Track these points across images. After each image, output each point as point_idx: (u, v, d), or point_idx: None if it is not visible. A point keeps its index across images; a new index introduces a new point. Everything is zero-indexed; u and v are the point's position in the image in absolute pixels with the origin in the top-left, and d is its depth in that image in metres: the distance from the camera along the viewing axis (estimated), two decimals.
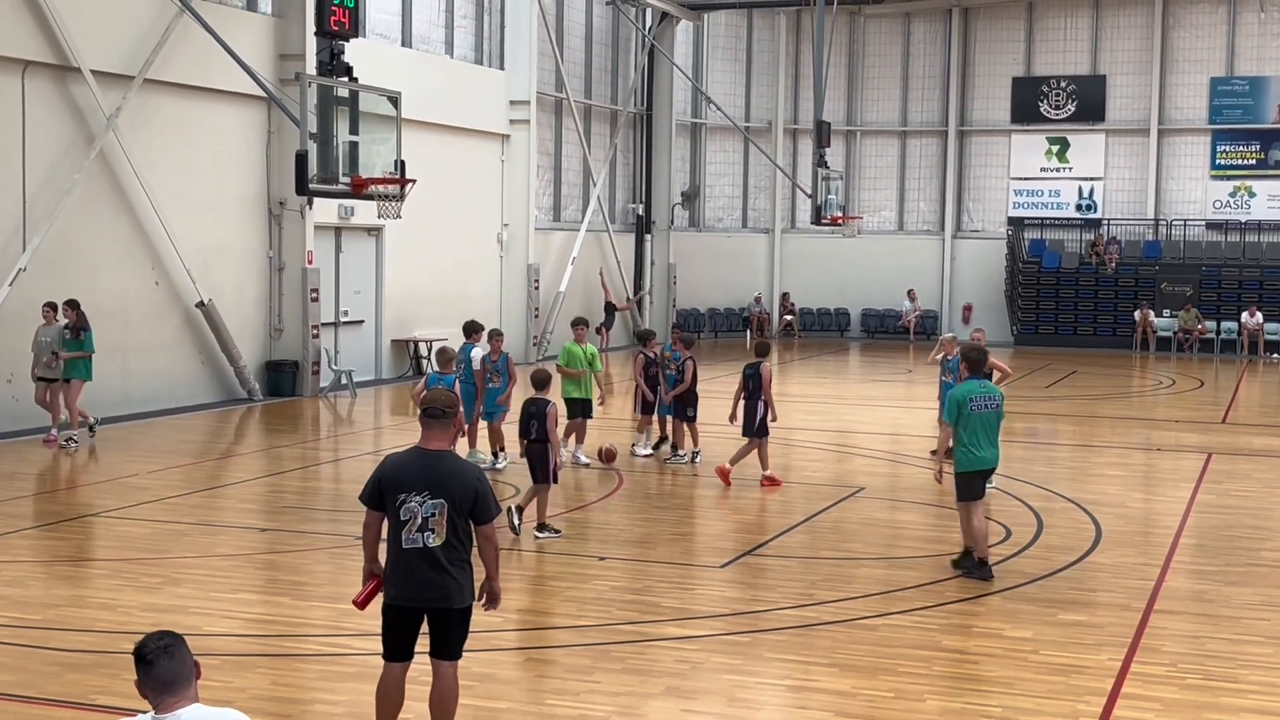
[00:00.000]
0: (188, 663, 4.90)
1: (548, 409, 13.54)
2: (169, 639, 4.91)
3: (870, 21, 42.65)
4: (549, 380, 14.35)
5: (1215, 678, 9.48)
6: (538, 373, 14.38)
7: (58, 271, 21.00)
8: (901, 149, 42.91)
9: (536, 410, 13.56)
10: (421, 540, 7.41)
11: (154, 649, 4.87)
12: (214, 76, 23.09)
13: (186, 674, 4.88)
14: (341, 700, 8.87)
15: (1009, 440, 20.79)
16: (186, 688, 4.86)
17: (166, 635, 4.94)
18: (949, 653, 9.96)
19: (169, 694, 4.84)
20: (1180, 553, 13.47)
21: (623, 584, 11.95)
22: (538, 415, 13.50)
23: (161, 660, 4.85)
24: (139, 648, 4.89)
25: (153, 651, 4.86)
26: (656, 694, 8.99)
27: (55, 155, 21.04)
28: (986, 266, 41.63)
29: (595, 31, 37.36)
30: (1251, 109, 39.51)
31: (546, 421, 13.42)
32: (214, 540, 13.57)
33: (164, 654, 4.86)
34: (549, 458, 13.46)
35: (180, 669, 4.87)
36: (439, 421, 7.57)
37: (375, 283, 28.32)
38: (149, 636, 4.94)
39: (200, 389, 23.80)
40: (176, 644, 4.91)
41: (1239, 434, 22.80)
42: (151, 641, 4.90)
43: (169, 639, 4.91)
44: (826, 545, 13.69)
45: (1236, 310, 37.67)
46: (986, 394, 12.34)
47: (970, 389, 12.31)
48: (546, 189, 35.22)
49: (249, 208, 24.87)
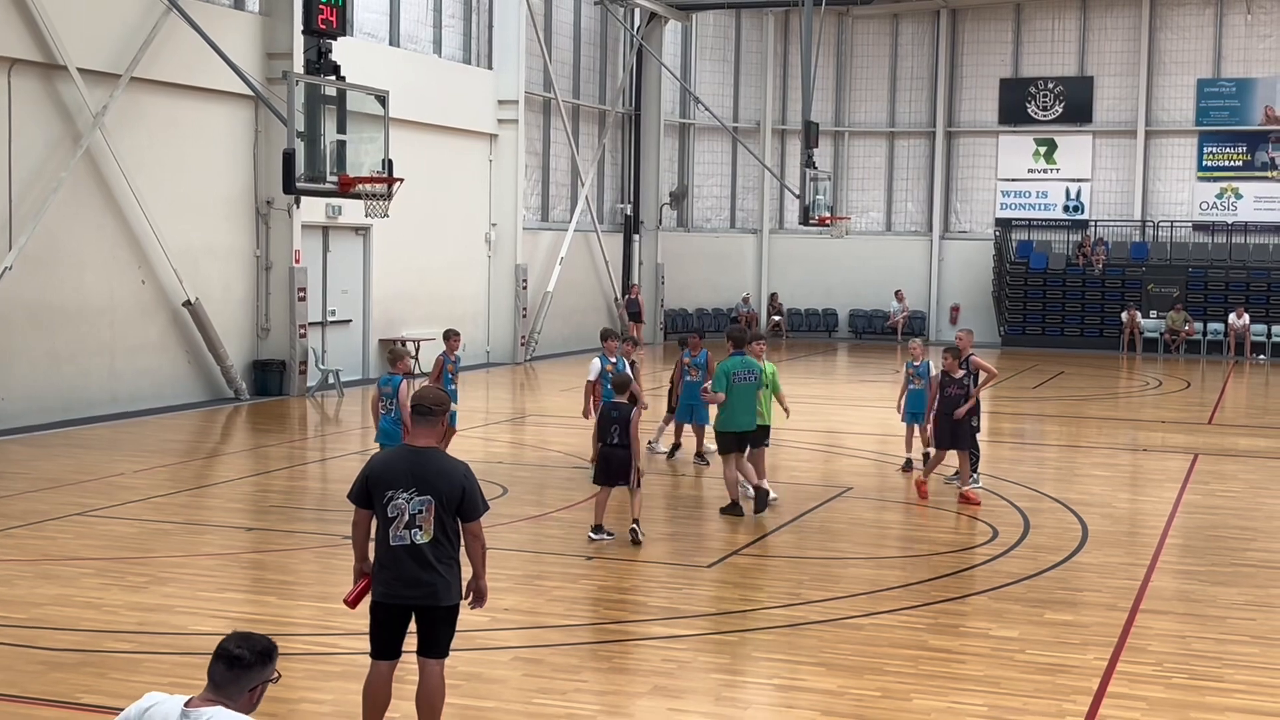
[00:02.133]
0: (244, 683, 4.84)
1: (631, 413, 13.34)
2: (246, 654, 4.85)
3: (858, 22, 42.69)
4: (629, 384, 14.24)
5: (1201, 677, 9.50)
6: (619, 377, 14.21)
7: (44, 271, 20.95)
8: (889, 150, 42.96)
9: (619, 415, 13.33)
10: (409, 537, 7.40)
11: (225, 651, 4.85)
12: (201, 75, 23.04)
13: (238, 691, 4.83)
14: (328, 699, 8.86)
15: (996, 441, 20.89)
16: (231, 700, 4.81)
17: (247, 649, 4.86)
18: (936, 652, 9.97)
19: (213, 692, 4.83)
20: (1166, 553, 13.50)
21: (610, 583, 11.94)
22: (620, 420, 13.28)
23: (220, 663, 4.84)
24: (226, 639, 4.89)
25: (223, 652, 4.86)
26: (643, 693, 8.99)
27: (41, 154, 20.97)
28: (974, 267, 41.69)
29: (583, 31, 37.34)
30: (1238, 111, 39.61)
31: (631, 427, 13.24)
32: (200, 539, 13.54)
33: (228, 661, 4.83)
34: (631, 463, 13.29)
35: (233, 684, 4.83)
36: (427, 419, 7.57)
37: (363, 282, 28.29)
38: (235, 636, 4.90)
39: (187, 388, 23.74)
40: (250, 661, 4.85)
41: (1225, 435, 22.86)
42: (232, 643, 4.87)
43: (246, 654, 4.85)
44: (814, 545, 13.70)
45: (1223, 311, 37.77)
46: (747, 369, 14.73)
47: (734, 364, 14.64)
48: (534, 189, 35.20)
49: (236, 207, 24.82)
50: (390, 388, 14.65)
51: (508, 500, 15.56)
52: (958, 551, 13.58)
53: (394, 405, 14.48)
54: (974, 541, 13.99)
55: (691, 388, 17.82)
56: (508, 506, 15.13)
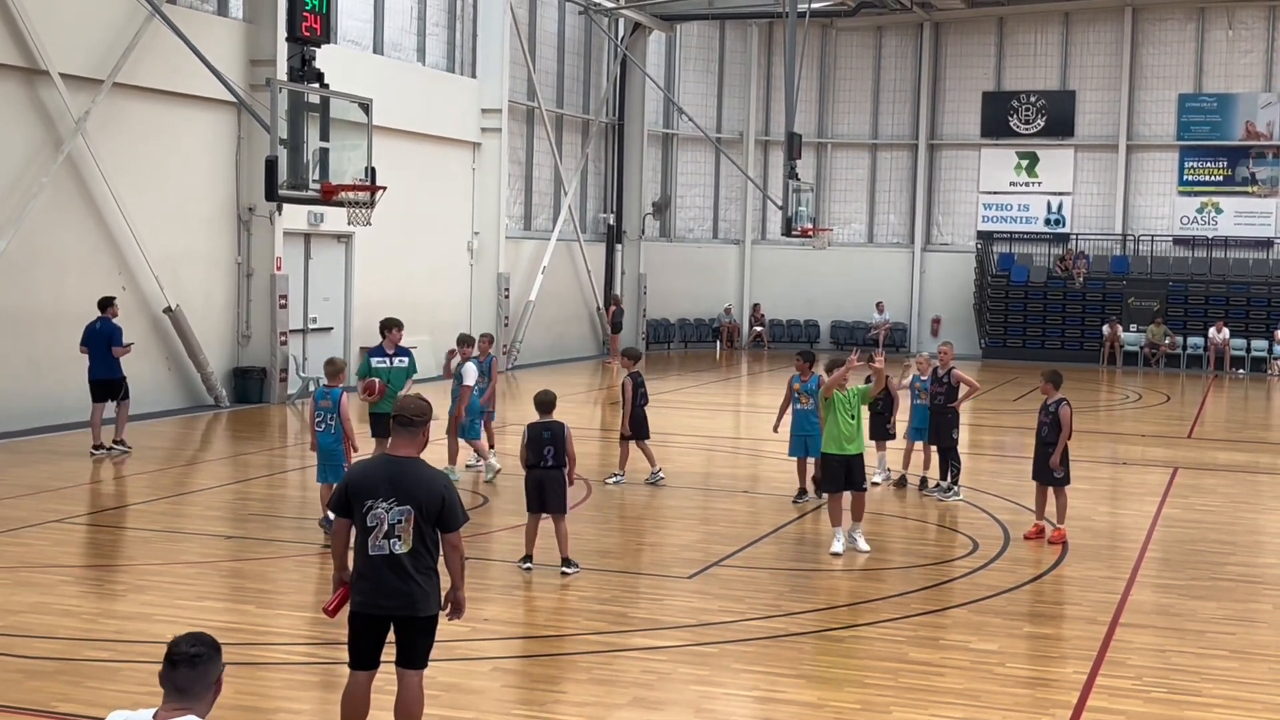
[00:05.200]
0: (208, 678, 4.84)
1: (565, 431, 12.59)
2: (202, 649, 4.85)
3: (842, 34, 42.80)
4: (555, 402, 12.97)
5: (1180, 691, 9.51)
6: (543, 394, 12.97)
7: (24, 276, 20.86)
8: (872, 162, 43.05)
9: (552, 434, 12.54)
10: (388, 547, 7.37)
11: (182, 654, 4.82)
12: (184, 81, 22.98)
13: (203, 688, 4.83)
14: (306, 709, 8.82)
15: (977, 453, 20.90)
16: (196, 701, 4.80)
17: (201, 644, 4.87)
18: (915, 665, 9.96)
19: (177, 700, 4.79)
20: (1146, 567, 13.52)
21: (590, 594, 11.91)
22: (554, 440, 12.52)
23: (183, 667, 4.81)
24: (172, 644, 4.85)
25: (180, 656, 4.82)
26: (623, 704, 8.97)
27: (23, 159, 20.89)
28: (955, 280, 41.79)
29: (567, 41, 37.37)
30: (1219, 126, 39.79)
31: (566, 445, 12.56)
32: (179, 547, 13.48)
33: (188, 662, 4.81)
34: (566, 487, 12.64)
35: (198, 682, 4.81)
36: (407, 430, 7.55)
37: (344, 290, 28.22)
38: (184, 638, 4.89)
39: (167, 395, 23.65)
40: (207, 656, 4.85)
41: (1205, 449, 22.92)
42: (184, 644, 4.85)
43: (202, 649, 4.85)
44: (794, 556, 13.69)
45: (1203, 325, 37.91)
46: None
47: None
48: (517, 198, 35.19)
49: (218, 213, 24.75)
50: (329, 401, 13.83)
51: (488, 510, 15.53)
52: (938, 564, 13.59)
53: (334, 420, 13.74)
54: (954, 554, 13.99)
55: (803, 416, 16.39)
56: (488, 516, 15.10)
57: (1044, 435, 14.52)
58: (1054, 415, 14.43)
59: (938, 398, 17.01)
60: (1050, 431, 14.43)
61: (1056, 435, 14.36)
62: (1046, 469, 14.46)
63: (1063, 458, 14.40)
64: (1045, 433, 14.50)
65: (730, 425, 26.82)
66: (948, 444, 16.91)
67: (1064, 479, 14.50)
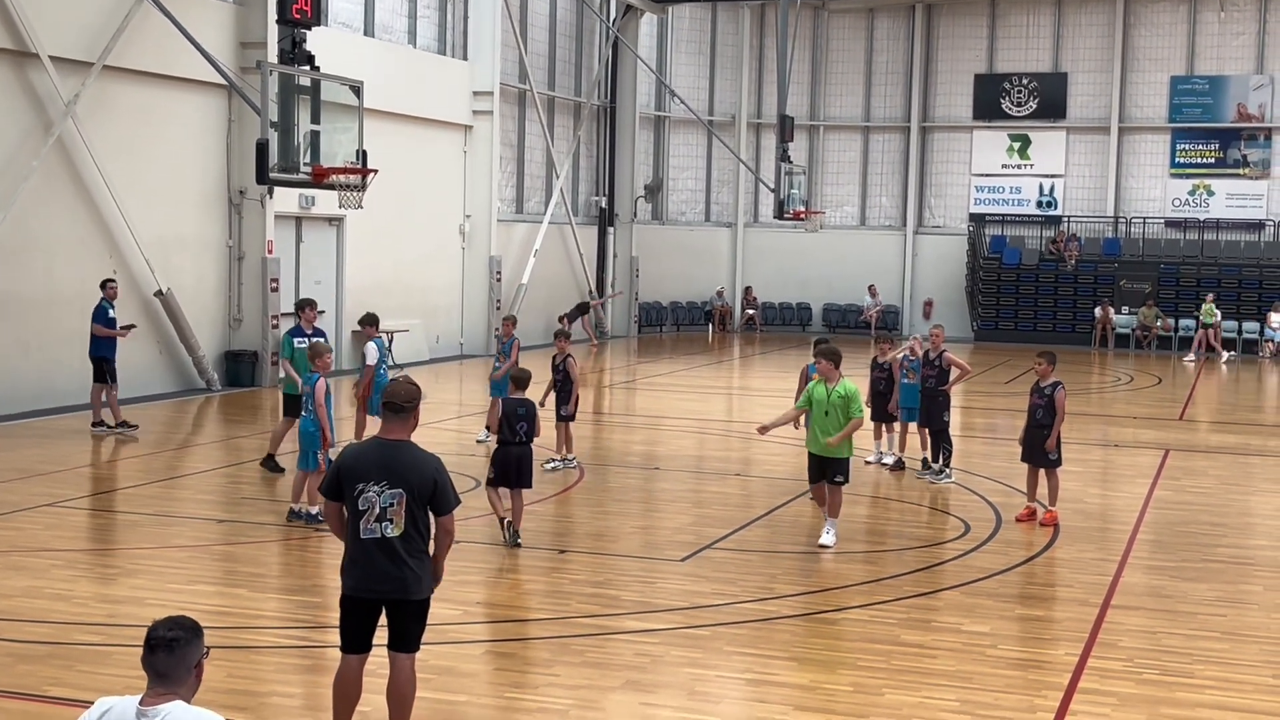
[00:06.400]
0: (189, 661, 4.83)
1: (538, 410, 13.00)
2: (180, 633, 4.84)
3: (834, 16, 42.73)
4: (529, 379, 13.49)
5: (1172, 673, 9.54)
6: (520, 371, 13.54)
7: (15, 259, 20.80)
8: (864, 144, 43.02)
9: (526, 412, 12.86)
10: (379, 530, 7.36)
11: (159, 639, 4.81)
12: (174, 64, 22.90)
13: (184, 672, 4.82)
14: (298, 693, 8.82)
15: (969, 436, 20.92)
16: (178, 685, 4.80)
17: (179, 628, 4.86)
18: (907, 647, 9.97)
19: (160, 685, 4.79)
20: (1137, 548, 13.54)
21: (583, 577, 11.92)
22: (528, 417, 12.85)
23: (160, 652, 4.80)
24: (151, 630, 4.84)
25: (158, 640, 4.81)
26: (616, 687, 8.97)
27: (13, 142, 20.82)
28: (948, 262, 41.80)
29: (559, 23, 37.28)
30: (1211, 108, 39.80)
31: (537, 423, 12.96)
32: (171, 531, 13.46)
33: (165, 647, 4.80)
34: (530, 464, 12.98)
35: (178, 666, 4.81)
36: (399, 414, 7.53)
37: (336, 273, 28.18)
38: (162, 622, 4.87)
39: (158, 378, 23.61)
40: (186, 639, 4.84)
41: (1196, 431, 22.97)
42: (162, 629, 4.84)
43: (180, 633, 4.84)
44: (786, 539, 13.70)
45: (1194, 307, 37.94)
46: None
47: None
48: (509, 181, 35.14)
49: (209, 196, 24.69)
50: (309, 387, 13.66)
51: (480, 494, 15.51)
52: (930, 546, 13.60)
53: (311, 405, 13.59)
54: (946, 536, 14.01)
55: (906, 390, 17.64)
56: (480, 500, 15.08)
57: (1039, 418, 14.50)
58: (1049, 398, 14.41)
59: (928, 380, 17.06)
60: (1045, 414, 14.42)
61: (1051, 418, 14.35)
62: (1039, 452, 14.45)
63: (1057, 440, 14.41)
64: (1040, 415, 14.49)
65: (723, 408, 26.84)
66: (939, 426, 16.97)
67: (1056, 461, 14.52)
